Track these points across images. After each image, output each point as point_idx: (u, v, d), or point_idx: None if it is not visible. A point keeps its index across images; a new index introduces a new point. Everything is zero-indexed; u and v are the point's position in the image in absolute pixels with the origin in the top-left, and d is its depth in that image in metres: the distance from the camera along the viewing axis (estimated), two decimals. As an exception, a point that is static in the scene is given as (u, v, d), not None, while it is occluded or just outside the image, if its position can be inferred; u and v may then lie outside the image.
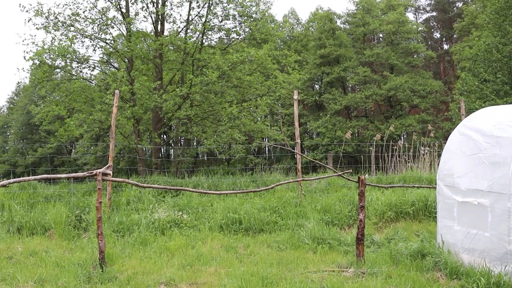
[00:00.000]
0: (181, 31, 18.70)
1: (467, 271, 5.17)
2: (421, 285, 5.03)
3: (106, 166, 6.28)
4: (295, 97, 9.95)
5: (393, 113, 34.16)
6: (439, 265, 5.51)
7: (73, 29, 16.87)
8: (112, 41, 17.90)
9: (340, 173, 8.06)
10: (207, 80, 15.97)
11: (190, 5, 18.01)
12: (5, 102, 62.58)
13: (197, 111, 17.71)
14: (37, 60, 16.51)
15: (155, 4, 18.19)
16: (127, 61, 18.01)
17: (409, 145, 13.36)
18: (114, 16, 17.45)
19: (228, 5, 17.63)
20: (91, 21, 16.90)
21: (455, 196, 5.74)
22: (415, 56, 35.89)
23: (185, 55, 17.33)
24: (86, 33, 17.07)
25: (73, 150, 40.74)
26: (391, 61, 33.99)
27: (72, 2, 16.93)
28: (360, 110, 36.33)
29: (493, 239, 5.14)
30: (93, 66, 18.13)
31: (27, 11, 16.70)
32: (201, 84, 16.14)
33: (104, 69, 19.39)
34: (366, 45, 38.01)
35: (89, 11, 17.09)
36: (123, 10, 17.83)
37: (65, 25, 16.75)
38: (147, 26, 70.42)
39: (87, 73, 18.43)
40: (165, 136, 26.85)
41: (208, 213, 8.54)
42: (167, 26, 19.75)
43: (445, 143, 6.36)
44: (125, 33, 17.63)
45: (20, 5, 16.70)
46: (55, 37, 16.86)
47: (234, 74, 16.65)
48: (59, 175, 6.41)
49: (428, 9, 46.31)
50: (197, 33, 18.02)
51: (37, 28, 16.77)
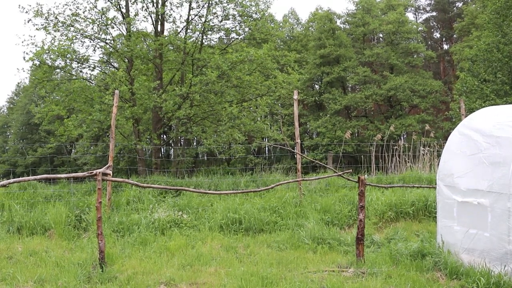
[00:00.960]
0: (181, 31, 18.70)
1: (467, 271, 5.17)
2: (421, 285, 5.03)
3: (106, 166, 6.28)
4: (295, 97, 9.96)
5: (393, 113, 34.16)
6: (439, 265, 5.51)
7: (73, 29, 16.86)
8: (112, 41, 17.90)
9: (340, 173, 8.06)
10: (206, 80, 15.97)
11: (190, 5, 18.03)
12: (5, 102, 62.63)
13: (197, 111, 17.70)
14: (37, 61, 16.50)
15: (155, 4, 18.20)
16: (127, 61, 18.01)
17: (409, 145, 13.36)
18: (114, 16, 17.45)
19: (228, 5, 17.63)
20: (91, 21, 16.90)
21: (455, 196, 5.74)
22: (415, 56, 35.90)
23: (184, 55, 17.32)
24: (86, 33, 17.07)
25: (73, 150, 40.73)
26: (391, 61, 34.00)
27: (72, 2, 16.93)
28: (360, 110, 36.34)
29: (493, 239, 5.14)
30: (93, 66, 18.13)
31: (26, 12, 16.69)
32: (201, 84, 16.13)
33: (104, 69, 19.39)
34: (366, 45, 38.01)
35: (89, 11, 17.08)
36: (123, 10, 17.83)
37: (65, 25, 16.74)
38: (147, 26, 70.45)
39: (87, 73, 18.45)
40: (165, 136, 26.83)
41: (208, 213, 8.54)
42: (167, 26, 19.80)
43: (445, 143, 6.36)
44: (125, 33, 17.62)
45: (19, 6, 16.73)
46: (55, 37, 16.87)
47: (234, 74, 16.65)
48: (59, 175, 6.41)
49: (428, 9, 46.36)
50: (197, 33, 18.03)
51: (36, 29, 16.77)
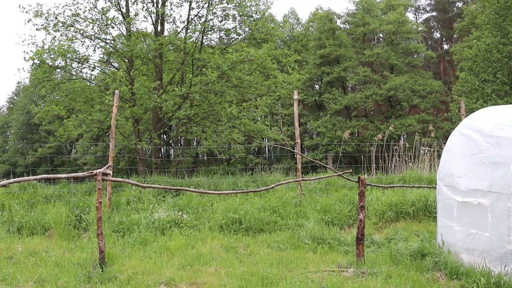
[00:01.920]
0: (181, 31, 18.70)
1: (467, 271, 5.17)
2: (421, 285, 5.03)
3: (106, 166, 6.28)
4: (295, 97, 9.96)
5: (393, 113, 34.15)
6: (439, 265, 5.51)
7: (73, 29, 16.86)
8: (112, 41, 17.90)
9: (340, 173, 8.05)
10: (206, 80, 15.96)
11: (190, 5, 18.02)
12: (5, 102, 62.58)
13: (197, 111, 17.70)
14: (37, 60, 16.49)
15: (155, 4, 18.20)
16: (127, 61, 18.01)
17: (409, 145, 13.36)
18: (114, 16, 17.45)
19: (228, 5, 17.62)
20: (91, 21, 16.90)
21: (455, 196, 5.74)
22: (415, 56, 35.89)
23: (184, 55, 17.31)
24: (86, 33, 17.07)
25: (73, 150, 40.71)
26: (391, 61, 33.99)
27: (72, 2, 16.93)
28: (360, 110, 36.33)
29: (493, 239, 5.14)
30: (93, 66, 18.14)
31: (26, 12, 16.70)
32: (201, 84, 16.13)
33: (104, 69, 19.39)
34: (366, 45, 38.01)
35: (89, 11, 17.10)
36: (123, 10, 17.82)
37: (65, 25, 16.74)
38: (147, 27, 70.41)
39: (87, 73, 18.44)
40: (165, 136, 26.83)
41: (208, 213, 8.54)
42: (167, 26, 19.74)
43: (445, 143, 6.36)
44: (125, 33, 17.62)
45: (20, 6, 16.71)
46: (55, 37, 16.87)
47: (234, 74, 16.64)
48: (59, 175, 6.40)
49: (428, 9, 46.35)
50: (197, 33, 18.02)
51: (37, 29, 16.77)
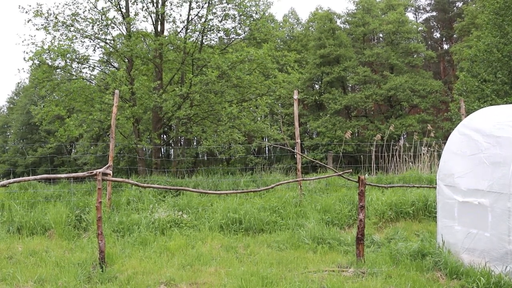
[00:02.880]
0: (181, 31, 18.69)
1: (467, 271, 5.17)
2: (421, 285, 5.03)
3: (106, 166, 6.28)
4: (295, 96, 9.95)
5: (393, 113, 34.16)
6: (439, 265, 5.51)
7: (73, 29, 16.85)
8: (112, 41, 17.89)
9: (340, 173, 8.05)
10: (206, 80, 15.96)
11: (189, 5, 18.01)
12: (5, 102, 62.53)
13: (197, 111, 17.69)
14: (36, 60, 16.49)
15: (155, 4, 18.19)
16: (127, 61, 18.00)
17: (409, 145, 13.36)
18: (114, 17, 17.45)
19: (228, 4, 17.62)
20: (91, 21, 16.89)
21: (455, 196, 5.74)
22: (415, 56, 35.88)
23: (184, 55, 17.31)
24: (86, 33, 17.06)
25: (73, 150, 40.72)
26: (391, 61, 33.99)
27: (72, 2, 16.92)
28: (360, 110, 36.33)
29: (493, 239, 5.14)
30: (93, 66, 18.13)
31: (26, 12, 16.67)
32: (201, 83, 16.12)
33: (104, 69, 19.38)
34: (366, 45, 38.00)
35: (89, 11, 17.09)
36: (123, 10, 17.81)
37: (65, 25, 16.73)
38: (147, 27, 70.33)
39: (87, 73, 18.44)
40: (165, 136, 26.84)
41: (208, 213, 8.54)
42: (167, 26, 19.74)
43: (445, 143, 6.36)
44: (125, 33, 17.61)
45: (19, 6, 16.72)
46: (55, 37, 16.86)
47: (234, 74, 16.64)
48: (59, 175, 6.41)
49: (428, 9, 46.35)
50: (197, 33, 18.02)
51: (37, 29, 16.75)
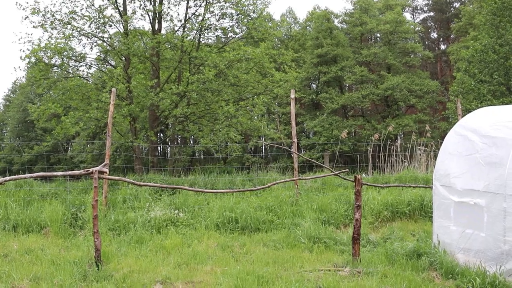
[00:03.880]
0: (178, 29, 18.65)
1: (462, 271, 5.19)
2: (416, 284, 5.04)
3: (102, 164, 6.26)
4: (292, 96, 9.96)
5: (390, 112, 34.21)
6: (434, 265, 5.52)
7: (70, 27, 16.78)
8: (109, 39, 17.83)
9: (336, 172, 8.06)
10: (204, 79, 15.94)
11: (187, 3, 17.98)
12: (1, 99, 62.25)
13: (194, 110, 17.67)
14: (33, 58, 16.42)
15: (152, 2, 18.14)
16: (124, 59, 17.95)
17: (405, 145, 13.40)
18: (112, 15, 17.37)
19: (225, 3, 17.60)
20: (88, 19, 16.84)
21: (451, 196, 5.75)
22: (412, 56, 35.95)
23: (182, 53, 17.28)
24: (83, 31, 17.00)
25: (69, 148, 40.57)
26: (388, 61, 34.04)
27: (69, 0, 16.86)
28: (357, 110, 36.37)
29: (488, 239, 5.16)
30: (90, 64, 18.07)
31: (23, 9, 16.57)
32: (198, 82, 16.10)
33: (100, 67, 19.32)
34: (363, 44, 38.02)
35: (86, 9, 17.01)
36: (121, 8, 17.74)
37: (62, 23, 16.66)
38: (144, 25, 70.25)
39: (83, 71, 18.39)
40: (161, 135, 26.79)
41: (204, 212, 8.54)
42: (164, 24, 19.67)
43: (441, 143, 6.37)
44: (122, 31, 17.55)
45: (16, 3, 16.61)
46: (52, 35, 16.79)
47: (231, 73, 16.62)
48: (55, 173, 6.38)
49: (425, 9, 46.44)
50: (194, 31, 17.99)
51: (34, 26, 16.64)
